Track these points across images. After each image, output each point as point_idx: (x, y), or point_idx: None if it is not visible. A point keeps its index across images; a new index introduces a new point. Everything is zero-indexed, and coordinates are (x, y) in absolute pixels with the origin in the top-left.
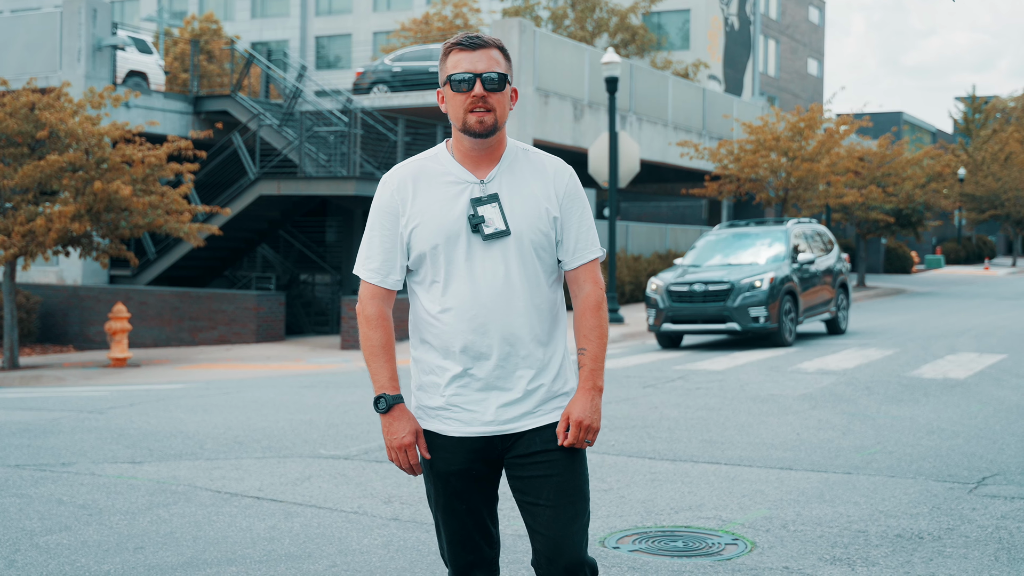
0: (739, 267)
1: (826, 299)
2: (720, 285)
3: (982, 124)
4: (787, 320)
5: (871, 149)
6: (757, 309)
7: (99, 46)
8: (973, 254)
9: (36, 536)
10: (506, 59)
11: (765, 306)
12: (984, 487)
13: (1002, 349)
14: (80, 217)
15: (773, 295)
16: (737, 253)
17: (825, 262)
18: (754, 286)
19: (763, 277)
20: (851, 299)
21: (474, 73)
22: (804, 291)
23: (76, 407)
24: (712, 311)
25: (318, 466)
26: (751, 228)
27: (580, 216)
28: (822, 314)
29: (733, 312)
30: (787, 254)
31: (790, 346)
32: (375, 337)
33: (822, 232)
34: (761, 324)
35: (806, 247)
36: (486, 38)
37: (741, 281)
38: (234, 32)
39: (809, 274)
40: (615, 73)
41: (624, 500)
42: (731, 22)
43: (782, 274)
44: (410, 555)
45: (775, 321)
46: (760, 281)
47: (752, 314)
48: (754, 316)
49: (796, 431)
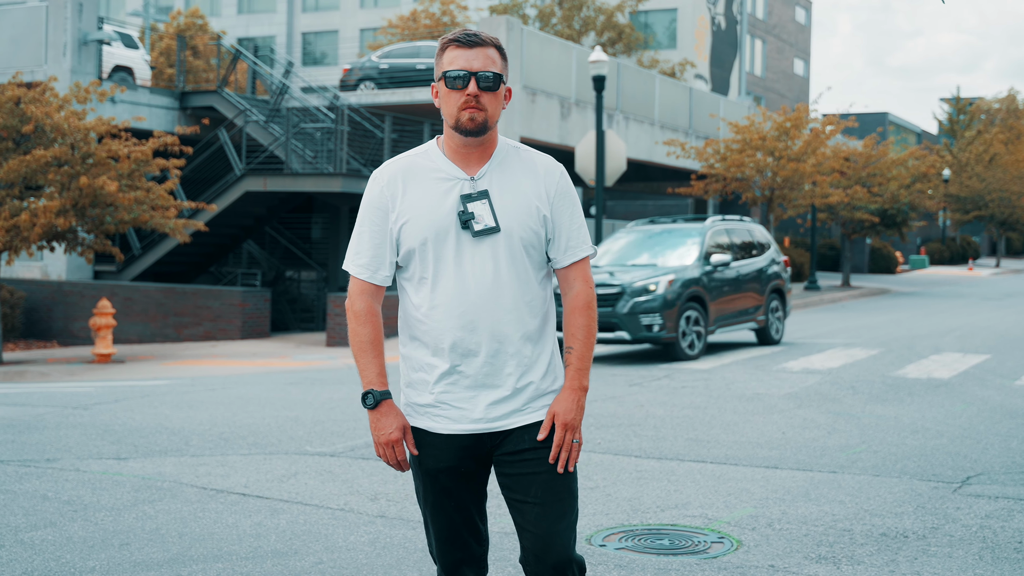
0: (637, 268)
1: (750, 306)
2: (609, 288)
3: (967, 125)
4: (691, 330)
5: (856, 149)
6: (650, 316)
7: (85, 41)
8: (957, 255)
9: (21, 532)
10: (502, 58)
11: (660, 313)
12: (968, 486)
13: (986, 349)
14: (65, 212)
15: (671, 301)
16: (665, 253)
17: (753, 264)
18: (648, 290)
19: (659, 280)
20: (789, 307)
21: (469, 71)
22: (719, 297)
23: (61, 403)
24: (600, 318)
25: (304, 463)
26: (676, 225)
27: (571, 214)
28: (746, 323)
29: (623, 319)
30: (700, 255)
31: (693, 360)
32: (363, 333)
33: (754, 231)
34: (655, 333)
35: (726, 248)
36: (484, 36)
37: (634, 284)
38: (220, 27)
39: (726, 278)
40: (602, 72)
41: (610, 498)
42: (718, 21)
43: (686, 277)
44: (396, 552)
45: (673, 330)
46: (655, 284)
47: (644, 322)
48: (647, 324)
49: (782, 430)
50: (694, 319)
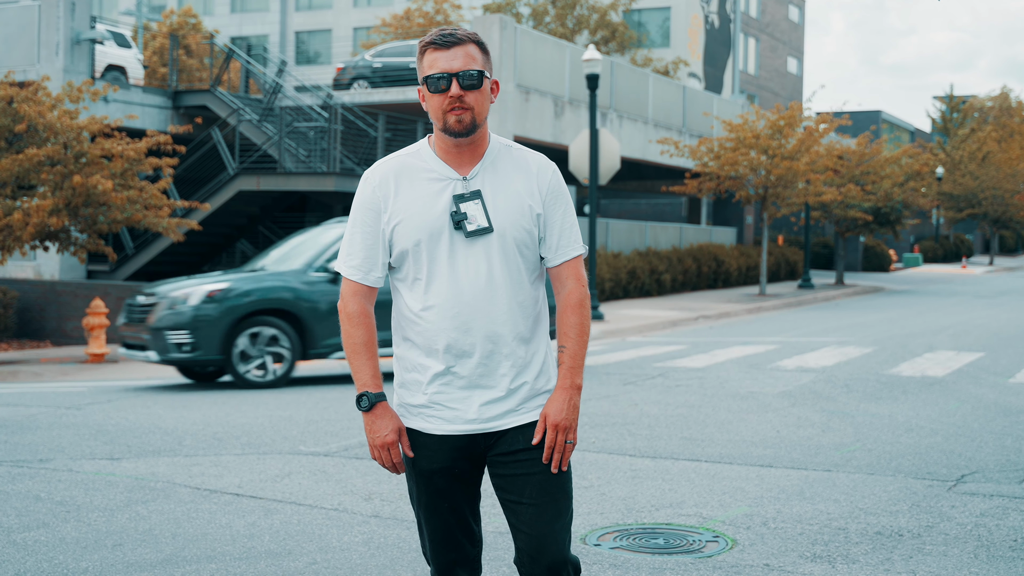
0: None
1: None
2: (150, 298)
3: (960, 123)
4: (261, 351)
5: (850, 147)
6: (178, 334)
7: (78, 40)
8: (951, 252)
9: (13, 533)
10: (483, 53)
11: (191, 331)
12: (963, 485)
13: (979, 347)
14: (58, 211)
15: (213, 316)
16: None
17: None
18: (181, 301)
19: (197, 291)
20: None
21: (450, 73)
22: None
23: (53, 403)
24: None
25: (298, 463)
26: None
27: (563, 213)
28: None
29: (153, 335)
30: (310, 261)
31: (264, 388)
32: (357, 335)
33: None
34: (186, 355)
35: None
36: (461, 34)
37: (171, 293)
38: (213, 27)
39: None
40: (596, 70)
41: (605, 497)
42: (711, 20)
43: (258, 286)
44: (390, 552)
45: (220, 351)
46: (190, 295)
47: (171, 339)
48: (175, 343)
49: (776, 428)
50: (267, 339)
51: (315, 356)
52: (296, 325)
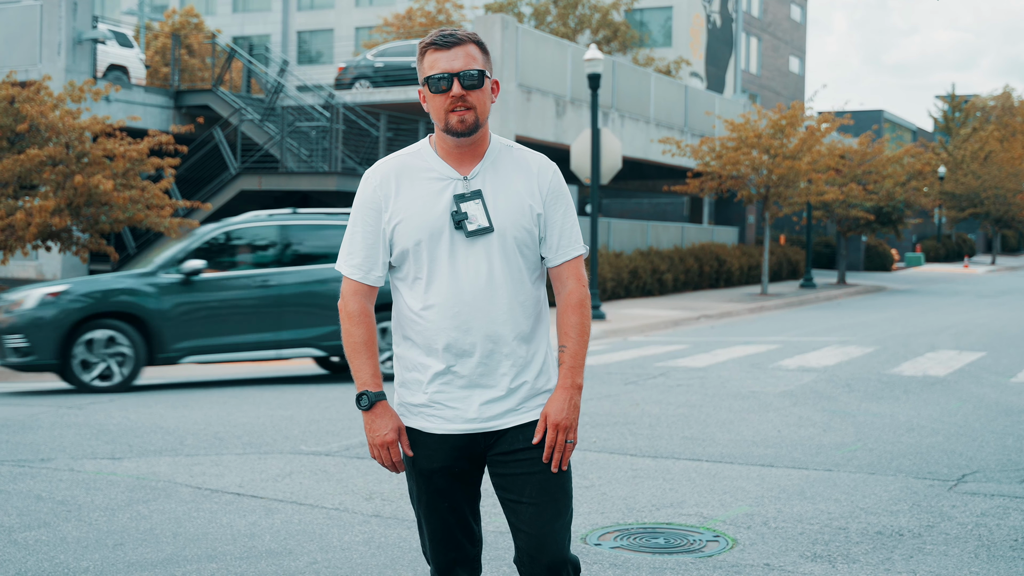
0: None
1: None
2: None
3: (962, 123)
4: (103, 355)
5: (852, 147)
6: (13, 338)
7: (79, 39)
8: (953, 252)
9: (14, 532)
10: (483, 53)
11: (25, 334)
12: (964, 484)
13: (981, 347)
14: (60, 211)
15: (46, 319)
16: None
17: (285, 279)
18: (18, 304)
19: (34, 293)
20: None
21: (451, 73)
22: (193, 317)
23: (55, 402)
24: None
25: (299, 462)
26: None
27: (564, 213)
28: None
29: None
30: (169, 260)
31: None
32: (357, 334)
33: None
34: (22, 360)
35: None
36: (461, 34)
37: (11, 296)
38: (215, 26)
39: (225, 289)
40: (597, 70)
41: (605, 497)
42: (713, 19)
43: (99, 288)
44: (391, 552)
45: (56, 356)
46: (27, 297)
47: (8, 343)
48: (12, 347)
49: (777, 428)
50: (103, 342)
51: (164, 361)
52: (141, 328)
